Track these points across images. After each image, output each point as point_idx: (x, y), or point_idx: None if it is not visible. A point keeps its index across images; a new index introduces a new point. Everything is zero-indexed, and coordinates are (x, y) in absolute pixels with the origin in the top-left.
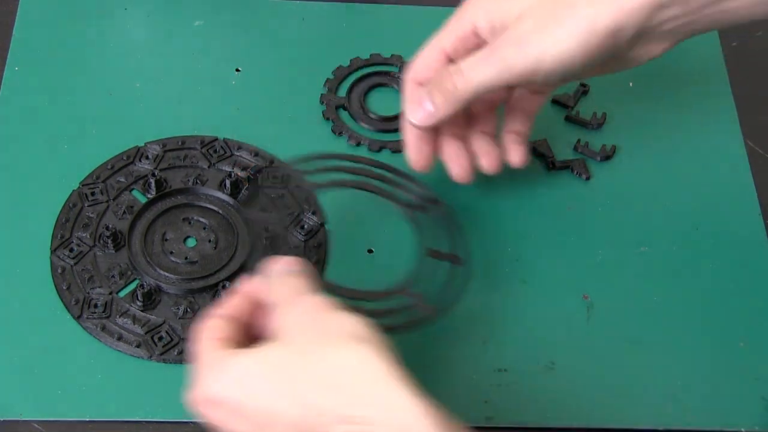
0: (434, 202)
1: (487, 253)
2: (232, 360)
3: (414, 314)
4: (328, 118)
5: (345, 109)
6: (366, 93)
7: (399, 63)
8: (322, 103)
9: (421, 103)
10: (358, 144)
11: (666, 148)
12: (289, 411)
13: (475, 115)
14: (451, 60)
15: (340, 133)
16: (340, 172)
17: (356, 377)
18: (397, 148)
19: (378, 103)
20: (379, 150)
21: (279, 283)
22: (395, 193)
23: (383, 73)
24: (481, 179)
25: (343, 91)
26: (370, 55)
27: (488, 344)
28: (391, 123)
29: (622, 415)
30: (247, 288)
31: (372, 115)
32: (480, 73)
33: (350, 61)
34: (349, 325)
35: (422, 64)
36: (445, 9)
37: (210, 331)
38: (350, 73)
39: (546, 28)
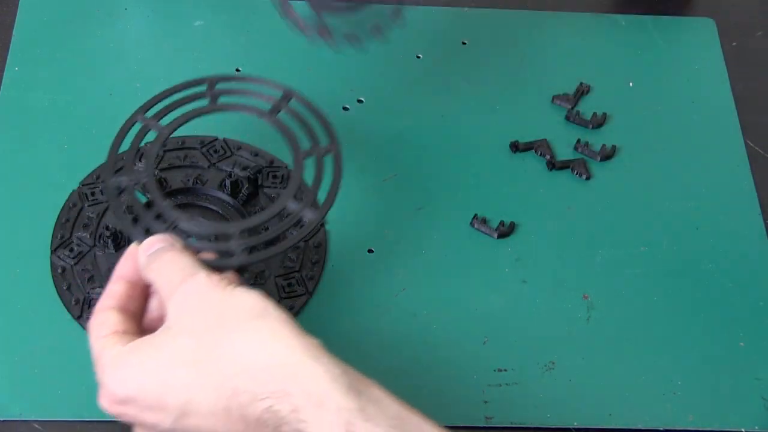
0: (289, 97)
1: (487, 253)
2: (132, 357)
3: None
4: None
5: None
6: None
7: None
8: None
9: None
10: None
11: (666, 148)
12: (204, 398)
13: None
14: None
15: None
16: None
17: (262, 355)
18: None
19: None
20: None
21: (159, 265)
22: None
23: None
24: (480, 179)
25: None
26: None
27: (488, 344)
28: None
29: (622, 415)
30: (126, 271)
31: None
32: None
33: None
34: (245, 302)
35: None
36: (445, 9)
37: (102, 327)
38: None
39: None
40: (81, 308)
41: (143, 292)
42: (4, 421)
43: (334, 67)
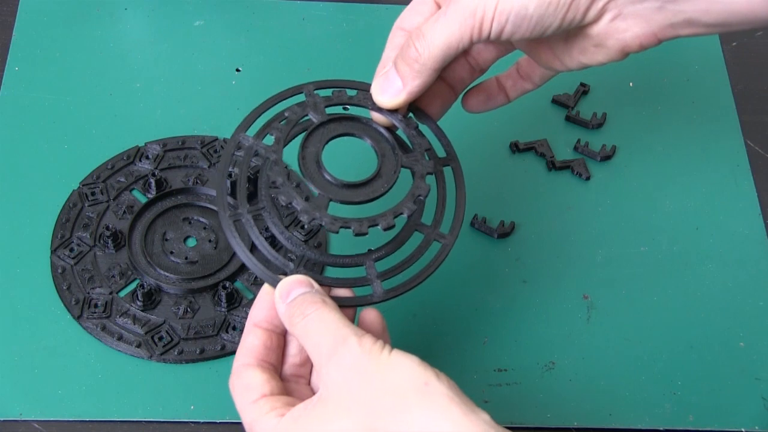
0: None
1: (487, 253)
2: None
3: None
4: None
5: (345, 110)
6: None
7: None
8: None
9: (388, 77)
10: None
11: (666, 148)
12: None
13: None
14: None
15: None
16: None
17: None
18: None
19: None
20: None
21: (305, 326)
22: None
23: None
24: (480, 179)
25: None
26: None
27: (488, 344)
28: None
29: (622, 415)
30: (261, 317)
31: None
32: (442, 33)
33: None
34: (404, 374)
35: (411, 12)
36: None
37: (249, 391)
38: None
39: None
40: (81, 308)
41: (281, 340)
42: (4, 421)
43: (334, 68)
